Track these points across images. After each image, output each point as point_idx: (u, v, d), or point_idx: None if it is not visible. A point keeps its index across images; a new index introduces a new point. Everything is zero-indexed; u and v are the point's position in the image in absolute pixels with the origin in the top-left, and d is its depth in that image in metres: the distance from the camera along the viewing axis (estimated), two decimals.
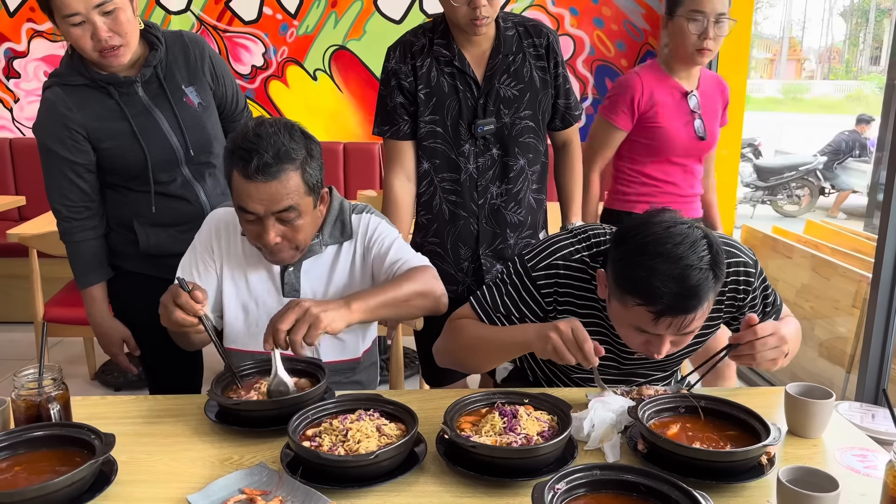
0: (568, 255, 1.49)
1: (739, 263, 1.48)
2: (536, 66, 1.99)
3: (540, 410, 1.33)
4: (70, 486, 1.09)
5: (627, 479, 1.08)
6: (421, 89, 1.95)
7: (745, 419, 1.29)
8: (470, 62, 1.95)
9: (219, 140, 1.91)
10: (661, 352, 1.35)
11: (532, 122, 2.00)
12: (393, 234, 1.70)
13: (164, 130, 1.80)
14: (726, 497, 1.16)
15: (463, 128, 1.95)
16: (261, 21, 4.21)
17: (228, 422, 1.36)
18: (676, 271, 1.24)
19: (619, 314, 1.37)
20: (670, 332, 1.31)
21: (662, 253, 1.25)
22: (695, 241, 1.27)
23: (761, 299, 1.54)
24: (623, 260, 1.31)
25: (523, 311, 1.52)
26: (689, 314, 1.28)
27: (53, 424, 1.26)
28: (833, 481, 1.05)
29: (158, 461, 1.27)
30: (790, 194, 8.75)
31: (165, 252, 1.84)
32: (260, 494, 1.14)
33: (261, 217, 1.48)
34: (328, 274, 1.66)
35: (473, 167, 1.97)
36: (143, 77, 1.77)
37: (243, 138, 1.47)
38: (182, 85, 1.83)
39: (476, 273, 2.05)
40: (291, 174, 1.47)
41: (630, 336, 1.39)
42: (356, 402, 1.34)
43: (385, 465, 1.18)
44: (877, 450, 1.32)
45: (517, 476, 1.18)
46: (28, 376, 1.30)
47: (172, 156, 1.81)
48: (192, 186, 1.86)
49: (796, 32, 23.66)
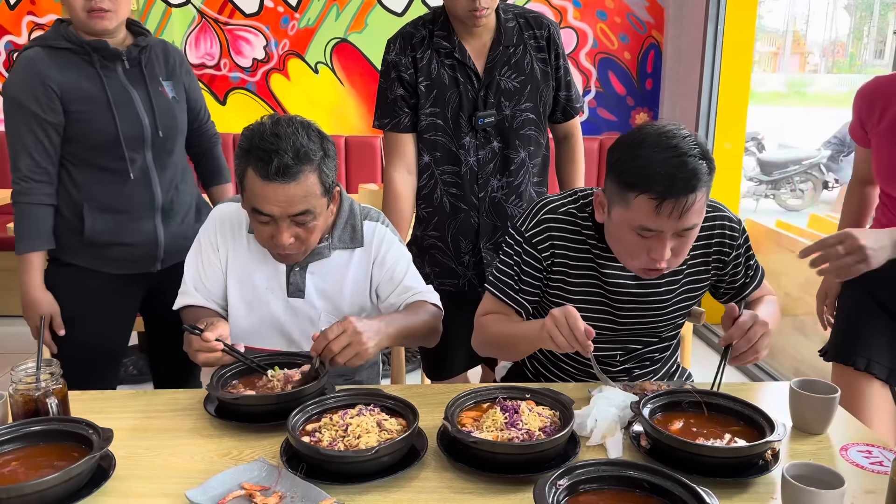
0: (554, 208, 1.56)
1: (726, 218, 1.57)
2: (537, 58, 1.98)
3: (542, 406, 1.31)
4: (67, 481, 1.08)
5: (630, 476, 1.07)
6: (421, 81, 1.94)
7: (749, 415, 1.28)
8: (470, 54, 1.94)
9: (182, 137, 1.98)
10: (662, 256, 1.38)
11: (533, 115, 1.98)
12: (406, 256, 1.70)
13: (137, 108, 1.84)
14: (730, 493, 1.14)
15: (463, 120, 1.94)
16: (262, 14, 4.19)
17: (228, 417, 1.35)
18: (674, 158, 1.33)
19: (620, 221, 1.40)
20: (671, 224, 1.35)
21: (658, 144, 1.35)
22: (686, 136, 1.36)
23: (744, 259, 1.60)
24: (621, 159, 1.39)
25: (529, 273, 1.56)
26: (689, 195, 1.33)
27: (51, 419, 1.25)
28: (839, 478, 1.04)
29: (157, 456, 1.26)
30: (794, 188, 8.71)
31: (109, 241, 1.87)
32: (259, 490, 1.13)
33: (275, 218, 1.46)
34: (338, 280, 1.64)
35: (474, 160, 1.96)
36: (128, 54, 1.83)
37: (260, 138, 1.43)
38: (160, 77, 1.92)
39: (477, 266, 2.04)
40: (309, 175, 1.45)
41: (632, 246, 1.41)
42: (356, 397, 1.33)
43: (385, 460, 1.17)
44: (882, 445, 1.30)
45: (519, 472, 1.17)
46: (26, 370, 1.29)
47: (140, 133, 1.85)
48: (149, 173, 1.89)
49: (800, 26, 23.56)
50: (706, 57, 3.76)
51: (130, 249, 1.91)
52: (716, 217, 1.55)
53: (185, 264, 1.68)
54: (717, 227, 1.55)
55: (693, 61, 3.84)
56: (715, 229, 1.55)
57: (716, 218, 1.55)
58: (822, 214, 4.56)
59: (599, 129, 4.30)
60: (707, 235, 1.55)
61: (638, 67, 4.24)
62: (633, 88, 4.27)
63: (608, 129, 4.31)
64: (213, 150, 2.16)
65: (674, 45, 4.03)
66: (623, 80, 4.25)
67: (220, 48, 4.25)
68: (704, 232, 1.54)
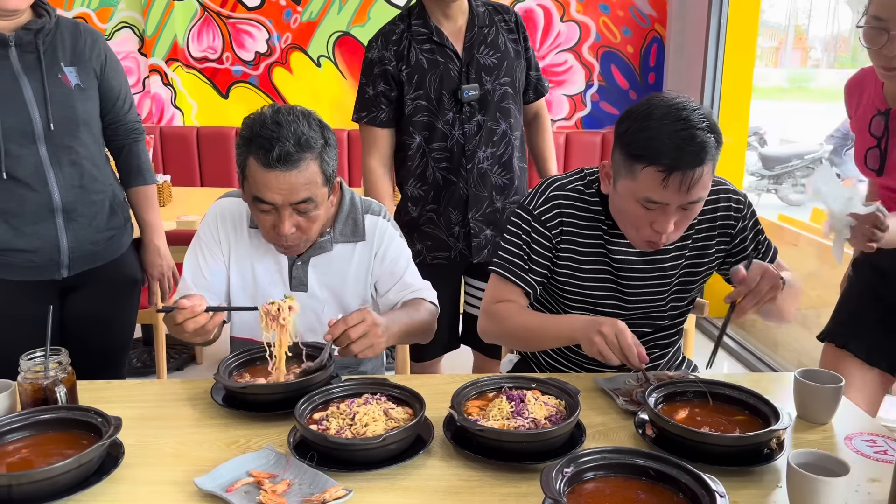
0: (561, 185, 1.57)
1: (731, 191, 1.57)
2: (509, 38, 2.13)
3: (547, 395, 1.32)
4: (78, 468, 1.09)
5: (636, 463, 1.07)
6: (404, 69, 2.05)
7: (754, 404, 1.29)
8: (448, 37, 2.06)
9: (89, 129, 1.79)
10: (665, 228, 1.39)
11: (511, 89, 2.12)
12: (406, 252, 1.71)
13: (26, 100, 1.67)
14: (736, 482, 1.15)
15: (446, 97, 2.06)
16: (264, 7, 4.18)
17: (235, 406, 1.36)
18: (682, 131, 1.33)
19: (626, 193, 1.41)
20: (677, 197, 1.35)
21: (668, 116, 1.35)
22: (695, 109, 1.36)
23: (752, 234, 1.59)
24: (630, 130, 1.39)
25: (538, 251, 1.56)
26: (697, 168, 1.33)
27: (60, 407, 1.26)
28: (844, 466, 1.04)
29: (165, 444, 1.27)
30: (795, 183, 8.70)
31: (3, 247, 1.71)
32: (268, 477, 1.14)
33: (277, 207, 1.46)
34: (340, 273, 1.64)
35: (459, 133, 2.07)
36: (17, 39, 1.67)
37: (261, 126, 1.43)
38: (62, 63, 1.74)
39: (466, 238, 2.14)
40: (311, 163, 1.45)
41: (636, 218, 1.42)
42: (363, 386, 1.34)
43: (392, 448, 1.17)
44: (886, 435, 1.31)
45: (525, 460, 1.18)
46: (35, 360, 1.30)
47: (29, 128, 1.67)
48: (43, 172, 1.70)
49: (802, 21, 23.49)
50: (709, 51, 3.75)
51: (29, 256, 1.73)
52: (720, 191, 1.55)
53: (183, 263, 1.65)
54: (723, 199, 1.55)
55: (696, 55, 3.84)
56: (720, 202, 1.55)
57: (720, 192, 1.55)
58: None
59: (602, 122, 4.30)
60: (712, 209, 1.55)
61: (640, 61, 4.23)
62: (636, 82, 4.26)
63: (610, 122, 4.30)
64: (133, 147, 1.95)
65: (676, 39, 4.03)
66: (626, 73, 4.25)
67: (223, 41, 4.25)
68: (709, 206, 1.54)
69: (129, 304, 1.97)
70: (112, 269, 1.87)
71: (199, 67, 4.30)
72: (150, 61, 4.26)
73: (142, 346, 3.43)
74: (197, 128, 4.27)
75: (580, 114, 4.29)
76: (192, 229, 2.81)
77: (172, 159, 4.22)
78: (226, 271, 1.65)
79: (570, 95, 4.27)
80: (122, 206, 1.92)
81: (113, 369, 1.89)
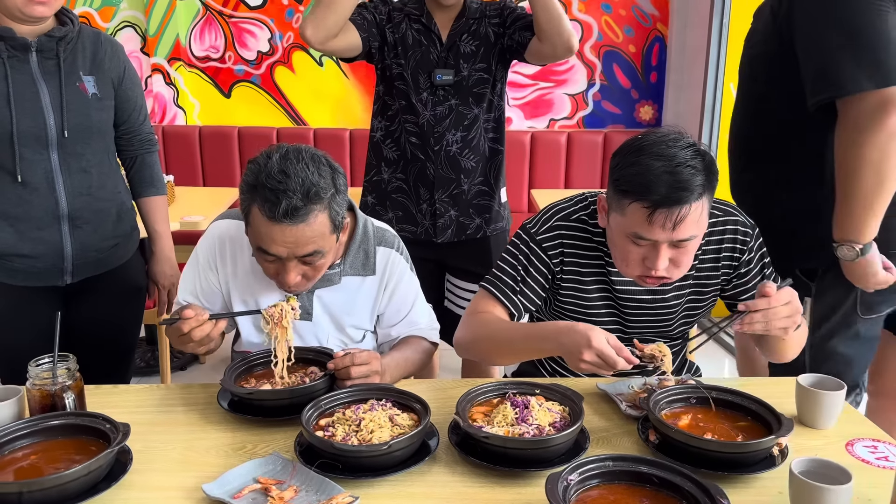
0: (566, 216, 1.56)
1: (738, 223, 1.55)
2: (492, 23, 2.15)
3: (551, 401, 1.33)
4: (87, 475, 1.10)
5: (640, 471, 1.09)
6: (390, 29, 2.11)
7: (756, 410, 1.30)
8: (437, 23, 2.13)
9: (102, 137, 1.80)
10: (656, 266, 1.37)
11: (486, 75, 2.14)
12: (415, 288, 1.68)
13: (43, 105, 1.68)
14: (738, 488, 1.16)
15: (423, 77, 2.12)
16: (267, 6, 4.19)
17: (241, 411, 1.37)
18: (670, 167, 1.32)
19: (616, 227, 1.41)
20: (664, 234, 1.33)
21: (656, 153, 1.34)
22: (687, 146, 1.35)
23: (759, 266, 1.57)
24: (620, 164, 1.38)
25: (534, 276, 1.55)
26: (682, 206, 1.31)
27: (69, 413, 1.27)
28: (846, 473, 1.05)
29: (173, 450, 1.28)
30: None
31: (7, 251, 1.71)
32: (275, 484, 1.15)
33: (282, 258, 1.41)
34: (346, 305, 1.61)
35: (430, 114, 2.12)
36: (39, 45, 1.68)
37: (267, 175, 1.35)
38: (81, 72, 1.75)
39: (432, 217, 2.18)
40: (319, 215, 1.38)
41: (627, 254, 1.40)
42: (368, 392, 1.35)
43: (398, 454, 1.18)
44: (888, 441, 1.32)
45: (529, 467, 1.19)
46: (43, 366, 1.31)
47: (43, 133, 1.68)
48: (52, 178, 1.71)
49: None
50: (711, 50, 3.75)
51: (32, 261, 1.73)
52: (728, 221, 1.54)
53: (180, 280, 1.64)
54: (729, 231, 1.54)
55: (698, 54, 3.84)
56: (726, 234, 1.54)
57: (728, 223, 1.54)
58: None
59: (604, 122, 4.30)
60: (718, 241, 1.54)
61: (643, 60, 4.23)
62: (638, 81, 4.26)
63: (612, 122, 4.31)
64: (145, 158, 1.96)
65: (679, 38, 4.03)
66: (628, 72, 4.25)
67: (225, 41, 4.25)
68: (715, 237, 1.53)
69: (132, 310, 1.98)
70: (116, 276, 1.88)
71: (202, 67, 4.30)
72: (152, 60, 4.26)
73: (145, 345, 3.44)
74: (199, 127, 4.27)
75: (582, 113, 4.29)
76: (196, 230, 2.82)
77: (175, 159, 4.22)
78: (222, 298, 1.62)
79: (571, 95, 4.27)
80: (129, 215, 1.92)
81: (117, 375, 1.89)
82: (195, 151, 4.24)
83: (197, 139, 4.24)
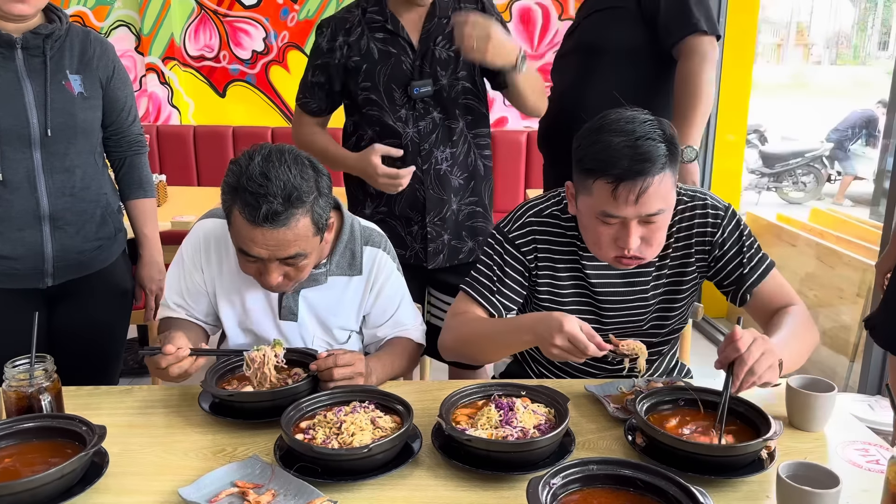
0: (538, 211, 1.55)
1: (708, 206, 1.52)
2: None
3: (537, 403, 1.31)
4: (60, 478, 1.08)
5: (624, 474, 1.06)
6: (353, 59, 1.94)
7: (745, 412, 1.27)
8: (405, 26, 1.93)
9: (87, 137, 1.77)
10: (628, 244, 1.36)
11: (469, 83, 1.97)
12: (402, 288, 1.66)
13: (27, 104, 1.65)
14: (725, 492, 1.14)
15: (397, 93, 1.93)
16: (262, 5, 4.17)
17: (222, 413, 1.35)
18: (630, 140, 1.32)
19: (585, 209, 1.40)
20: (631, 210, 1.33)
21: (616, 129, 1.34)
22: (647, 121, 1.36)
23: (736, 247, 1.52)
24: (581, 145, 1.39)
25: (510, 275, 1.54)
26: (644, 177, 1.31)
27: (45, 416, 1.24)
28: (834, 477, 1.03)
29: (151, 453, 1.26)
30: (796, 181, 8.69)
31: None
32: (252, 488, 1.12)
33: (263, 260, 1.39)
34: (332, 305, 1.60)
35: (413, 132, 1.94)
36: (25, 42, 1.65)
37: (249, 178, 1.33)
38: (67, 70, 1.72)
39: (423, 241, 2.02)
40: (301, 218, 1.36)
41: (599, 236, 1.40)
42: (351, 394, 1.33)
43: (379, 458, 1.16)
44: (879, 444, 1.30)
45: (513, 470, 1.17)
46: (19, 367, 1.28)
47: (26, 132, 1.65)
48: (34, 177, 1.68)
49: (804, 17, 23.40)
50: None
51: (11, 263, 1.70)
52: (696, 206, 1.52)
53: (165, 281, 1.62)
54: (698, 215, 1.51)
55: None
56: (695, 218, 1.51)
57: (696, 207, 1.52)
58: (824, 207, 4.55)
59: None
60: (687, 226, 1.52)
61: None
62: None
63: None
64: (134, 160, 1.92)
65: None
66: None
67: (220, 40, 4.24)
68: (684, 223, 1.51)
69: (118, 314, 1.95)
70: (100, 278, 1.85)
71: (196, 66, 4.29)
72: (146, 60, 4.25)
73: (137, 346, 3.42)
74: (194, 126, 4.26)
75: None
76: (187, 230, 2.79)
77: (169, 158, 4.21)
78: (208, 298, 1.60)
79: None
80: (115, 217, 1.89)
81: (104, 378, 1.86)
82: (189, 151, 4.23)
83: (191, 139, 4.22)
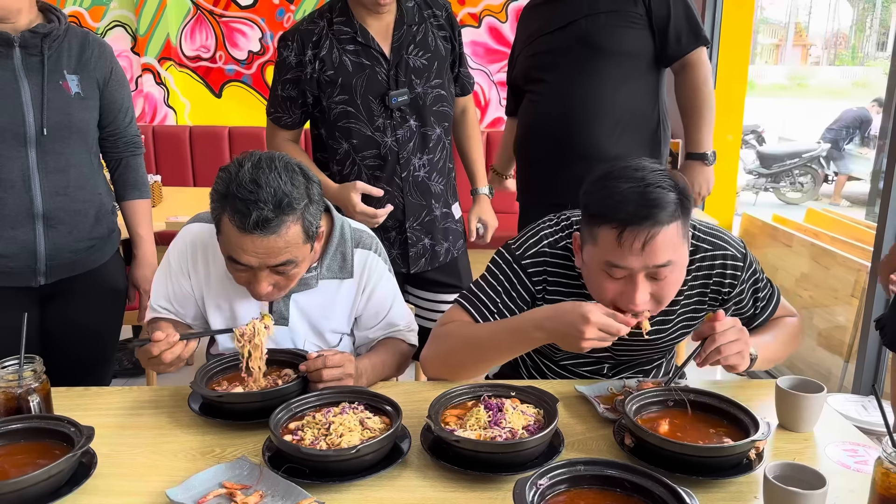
0: (553, 242, 1.49)
1: (727, 256, 1.47)
2: (439, 36, 2.03)
3: (526, 404, 1.31)
4: (47, 479, 1.08)
5: (611, 475, 1.06)
6: (326, 72, 1.93)
7: (733, 413, 1.27)
8: (374, 36, 1.94)
9: (83, 137, 1.77)
10: (634, 300, 1.30)
11: (443, 91, 2.03)
12: (394, 290, 1.65)
13: (23, 102, 1.66)
14: (713, 492, 1.14)
15: (374, 103, 1.95)
16: (258, 6, 4.17)
17: (211, 414, 1.35)
18: (639, 187, 1.28)
19: (591, 260, 1.35)
20: (637, 260, 1.27)
21: (624, 176, 1.31)
22: (656, 170, 1.32)
23: (751, 293, 1.52)
24: (588, 191, 1.35)
25: (514, 298, 1.49)
26: (651, 223, 1.26)
27: (33, 417, 1.24)
28: (820, 478, 1.03)
29: (139, 454, 1.25)
30: (793, 181, 8.69)
31: None
32: (240, 489, 1.12)
33: (253, 268, 1.38)
34: (323, 309, 1.59)
35: (392, 140, 1.97)
36: (23, 41, 1.66)
37: (238, 185, 1.31)
38: (65, 70, 1.73)
39: (402, 246, 2.05)
40: (291, 226, 1.34)
41: (604, 290, 1.34)
42: (340, 395, 1.33)
43: (367, 459, 1.16)
44: (868, 444, 1.30)
45: (501, 471, 1.17)
46: (8, 367, 1.28)
47: (21, 130, 1.66)
48: (28, 176, 1.68)
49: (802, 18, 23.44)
50: None
51: (4, 261, 1.70)
52: (717, 255, 1.47)
53: (152, 285, 1.62)
54: (718, 265, 1.47)
55: None
56: (715, 268, 1.47)
57: (716, 257, 1.47)
58: (820, 208, 4.55)
59: None
60: (706, 275, 1.47)
61: None
62: None
63: None
64: (130, 161, 1.93)
65: None
66: None
67: (216, 40, 4.24)
68: (703, 271, 1.47)
69: (111, 314, 1.95)
70: (93, 278, 1.85)
71: (192, 66, 4.28)
72: (142, 60, 4.25)
73: (131, 346, 3.41)
74: (190, 127, 4.26)
75: None
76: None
77: (165, 159, 4.21)
78: (195, 303, 1.59)
79: None
80: (109, 217, 1.89)
81: (96, 378, 1.86)
82: (185, 151, 4.23)
83: (187, 139, 4.22)
